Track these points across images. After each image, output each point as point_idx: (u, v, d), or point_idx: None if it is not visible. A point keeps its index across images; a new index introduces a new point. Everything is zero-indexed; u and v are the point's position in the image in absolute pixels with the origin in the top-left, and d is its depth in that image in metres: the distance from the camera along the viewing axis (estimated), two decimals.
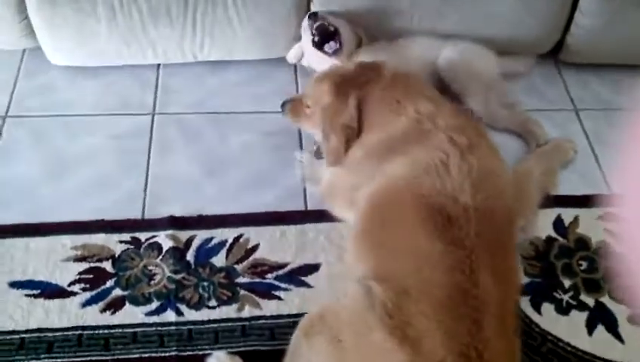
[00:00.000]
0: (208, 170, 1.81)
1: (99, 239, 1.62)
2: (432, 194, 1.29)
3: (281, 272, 1.59)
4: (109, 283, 1.54)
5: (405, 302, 1.16)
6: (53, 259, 1.57)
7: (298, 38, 1.99)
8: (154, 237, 1.63)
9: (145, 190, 1.75)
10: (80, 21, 1.85)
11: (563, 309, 1.56)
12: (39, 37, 1.93)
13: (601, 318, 1.55)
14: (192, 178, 1.79)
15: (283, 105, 1.80)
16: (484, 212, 1.28)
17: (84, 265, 1.57)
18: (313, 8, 1.95)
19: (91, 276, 1.55)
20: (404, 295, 1.17)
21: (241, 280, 1.56)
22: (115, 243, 1.61)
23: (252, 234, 1.66)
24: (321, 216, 1.69)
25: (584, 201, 1.79)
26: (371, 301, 1.18)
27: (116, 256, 1.59)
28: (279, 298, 1.54)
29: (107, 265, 1.57)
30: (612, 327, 1.53)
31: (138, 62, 2.00)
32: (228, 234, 1.66)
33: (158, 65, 2.06)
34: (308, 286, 1.57)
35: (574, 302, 1.58)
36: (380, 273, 1.26)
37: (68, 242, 1.60)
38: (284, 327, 1.46)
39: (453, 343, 1.12)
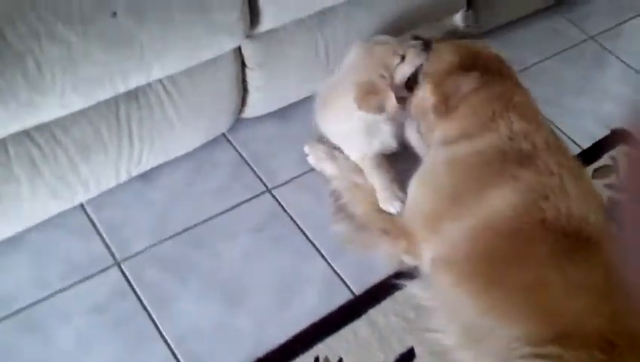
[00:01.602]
0: (226, 300, 1.77)
1: None
2: (560, 218, 1.49)
3: None
4: None
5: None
6: None
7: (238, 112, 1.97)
8: None
9: (177, 359, 1.65)
10: None
11: None
12: None
13: None
14: (216, 319, 1.74)
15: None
16: (604, 225, 1.56)
17: None
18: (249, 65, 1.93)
19: None
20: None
21: None
22: None
23: (326, 351, 1.69)
24: (374, 293, 1.79)
25: None
26: None
27: None
28: None
29: None
30: None
31: (64, 208, 1.79)
32: None
33: (81, 204, 1.88)
34: None
35: None
36: (531, 327, 1.43)
37: None
38: None
39: None
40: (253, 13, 1.75)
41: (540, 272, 1.50)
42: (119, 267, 1.80)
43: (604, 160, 2.18)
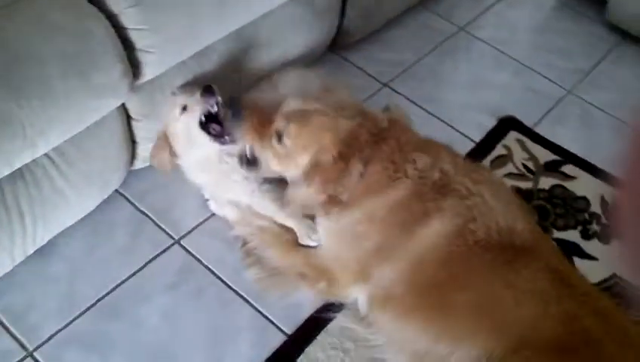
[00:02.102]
0: None
1: None
2: (492, 234, 1.60)
3: None
4: None
5: None
6: None
7: (129, 165, 1.92)
8: None
9: None
10: None
11: None
12: None
13: None
14: None
15: (236, 113, 1.81)
16: (534, 229, 1.71)
17: None
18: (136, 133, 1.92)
19: None
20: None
21: None
22: None
23: None
24: (306, 330, 1.83)
25: None
26: None
27: None
28: None
29: None
30: None
31: None
32: None
33: None
34: None
35: None
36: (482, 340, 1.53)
37: None
38: None
39: None
40: (133, 66, 1.73)
41: (485, 289, 1.60)
42: (33, 358, 1.73)
43: (499, 150, 2.34)
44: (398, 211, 1.69)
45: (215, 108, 1.87)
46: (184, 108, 1.89)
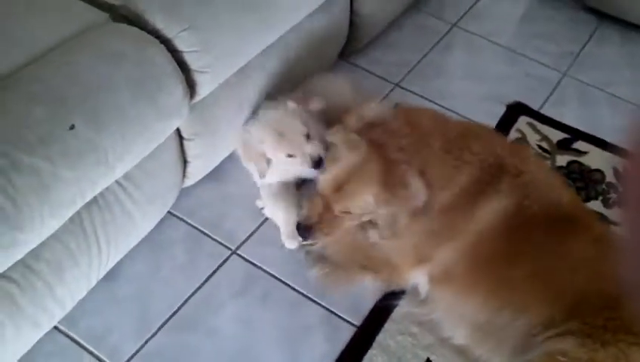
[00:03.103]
0: None
1: None
2: (543, 208, 1.74)
3: None
4: None
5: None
6: None
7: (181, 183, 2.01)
8: None
9: None
10: None
11: None
12: None
13: None
14: None
15: (307, 231, 1.87)
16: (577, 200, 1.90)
17: None
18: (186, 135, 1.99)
19: None
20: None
21: None
22: None
23: None
24: (374, 319, 1.94)
25: None
26: None
27: None
28: None
29: None
30: None
31: (42, 335, 1.74)
32: None
33: (56, 327, 1.84)
34: None
35: None
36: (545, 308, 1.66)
37: None
38: None
39: None
40: (190, 87, 1.81)
41: (540, 260, 1.72)
42: None
43: (513, 134, 2.49)
44: (460, 196, 1.80)
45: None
46: (289, 155, 2.00)
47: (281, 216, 2.10)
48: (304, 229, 1.87)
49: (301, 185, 2.19)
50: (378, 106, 1.95)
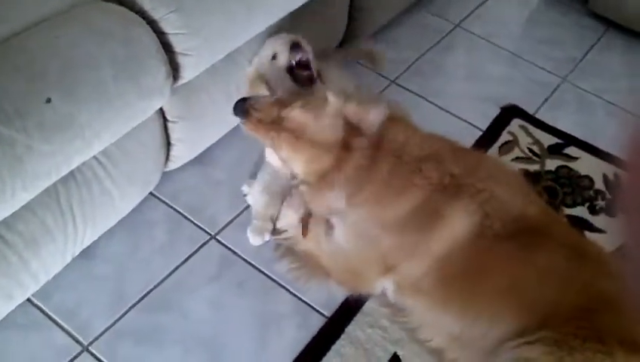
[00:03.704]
0: (209, 355, 1.84)
1: None
2: (507, 224, 1.73)
3: None
4: None
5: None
6: None
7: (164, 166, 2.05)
8: None
9: None
10: None
11: None
12: None
13: None
14: None
15: (242, 107, 1.84)
16: (543, 209, 1.85)
17: None
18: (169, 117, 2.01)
19: None
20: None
21: None
22: None
23: None
24: (345, 311, 1.95)
25: None
26: None
27: None
28: None
29: None
30: None
31: (14, 307, 1.77)
32: None
33: (28, 299, 1.87)
34: None
35: None
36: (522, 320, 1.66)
37: None
38: None
39: None
40: (173, 69, 1.83)
41: (510, 273, 1.72)
42: (89, 352, 1.82)
43: (505, 136, 2.50)
44: (415, 218, 1.80)
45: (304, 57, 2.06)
46: (274, 57, 2.05)
47: (258, 209, 2.12)
48: (242, 105, 1.85)
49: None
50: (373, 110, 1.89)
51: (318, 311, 1.96)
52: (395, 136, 1.83)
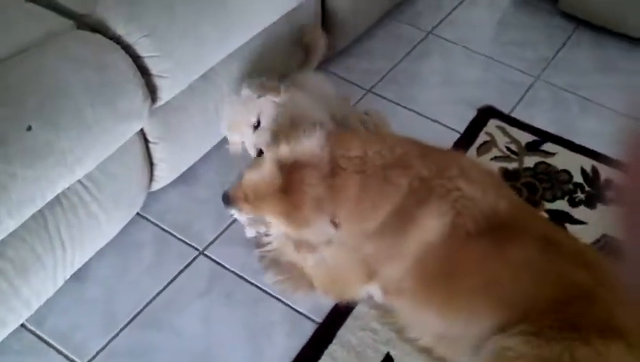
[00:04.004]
0: None
1: None
2: (479, 222, 1.78)
3: None
4: None
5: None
6: None
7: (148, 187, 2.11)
8: None
9: None
10: None
11: None
12: None
13: None
14: None
15: (227, 199, 1.92)
16: (515, 203, 1.89)
17: None
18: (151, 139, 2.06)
19: None
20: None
21: None
22: None
23: None
24: (335, 316, 2.00)
25: None
26: None
27: None
28: None
29: None
30: None
31: (7, 334, 1.81)
32: None
33: (22, 324, 1.91)
34: None
35: None
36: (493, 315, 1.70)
37: None
38: None
39: None
40: (151, 91, 1.89)
41: (485, 270, 1.77)
42: None
43: (482, 137, 2.55)
44: (389, 225, 1.84)
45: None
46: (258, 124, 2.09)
47: None
48: (227, 198, 1.92)
49: None
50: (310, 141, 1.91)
51: (308, 317, 2.00)
52: (349, 152, 1.87)
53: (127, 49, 1.84)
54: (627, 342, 1.58)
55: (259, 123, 2.07)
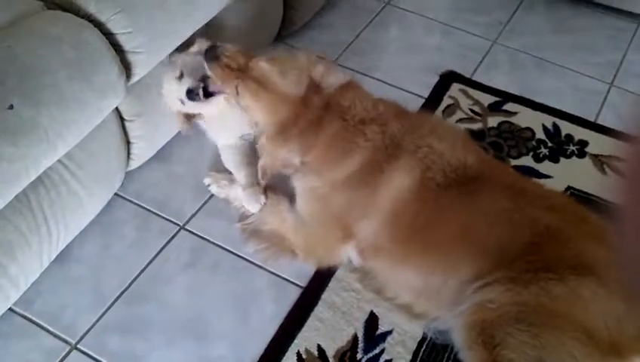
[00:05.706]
0: (194, 338, 1.93)
1: None
2: (448, 175, 1.87)
3: None
4: None
5: None
6: None
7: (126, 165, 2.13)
8: None
9: None
10: None
11: None
12: None
13: None
14: (193, 357, 1.89)
15: (213, 53, 1.96)
16: (482, 158, 2.00)
17: None
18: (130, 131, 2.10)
19: None
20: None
21: None
22: None
23: (303, 344, 1.93)
24: (318, 279, 2.07)
25: None
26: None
27: None
28: None
29: None
30: None
31: None
32: None
33: (10, 308, 1.92)
34: None
35: None
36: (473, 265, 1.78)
37: None
38: None
39: None
40: (126, 68, 1.91)
41: (458, 221, 1.85)
42: (78, 349, 1.89)
43: (446, 101, 2.64)
44: (360, 177, 1.92)
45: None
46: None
47: (243, 181, 2.21)
48: (213, 51, 1.97)
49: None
50: (335, 74, 2.03)
51: (293, 282, 2.07)
52: (343, 100, 1.96)
53: (100, 27, 1.86)
54: (598, 276, 1.68)
55: (182, 75, 2.10)
